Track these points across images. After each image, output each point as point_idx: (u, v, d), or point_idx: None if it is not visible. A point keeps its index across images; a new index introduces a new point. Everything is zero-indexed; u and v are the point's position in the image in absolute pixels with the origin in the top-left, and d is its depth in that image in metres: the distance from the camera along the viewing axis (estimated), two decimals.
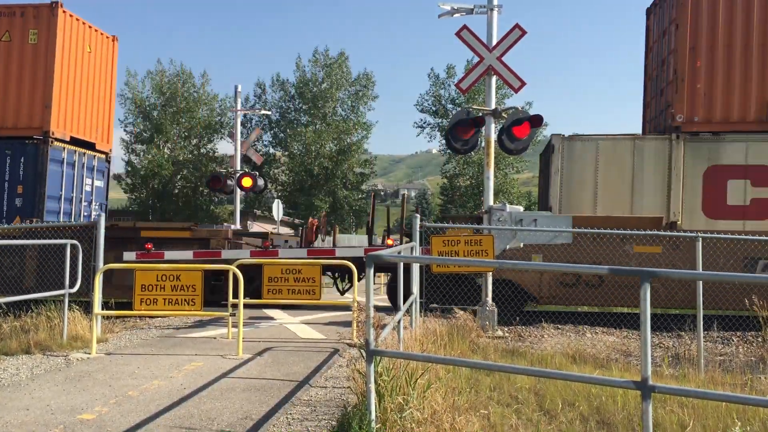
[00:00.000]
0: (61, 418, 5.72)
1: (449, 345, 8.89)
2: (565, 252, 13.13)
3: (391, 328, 6.78)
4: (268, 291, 9.82)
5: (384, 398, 5.15)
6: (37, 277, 13.70)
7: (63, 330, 9.26)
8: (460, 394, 6.32)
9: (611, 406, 6.43)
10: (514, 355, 9.49)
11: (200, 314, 9.46)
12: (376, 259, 5.06)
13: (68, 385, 6.91)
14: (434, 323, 9.94)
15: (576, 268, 7.22)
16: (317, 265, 9.96)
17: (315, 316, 12.33)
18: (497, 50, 12.19)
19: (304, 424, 5.69)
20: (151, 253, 13.74)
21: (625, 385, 4.48)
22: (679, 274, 5.09)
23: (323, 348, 9.20)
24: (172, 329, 10.87)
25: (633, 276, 4.27)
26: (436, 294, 12.97)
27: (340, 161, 40.66)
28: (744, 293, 11.83)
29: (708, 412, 6.11)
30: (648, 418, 4.03)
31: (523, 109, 12.53)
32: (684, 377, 8.42)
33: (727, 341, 11.66)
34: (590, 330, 12.42)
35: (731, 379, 8.51)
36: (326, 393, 6.76)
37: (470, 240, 10.49)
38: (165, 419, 5.71)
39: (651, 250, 13.21)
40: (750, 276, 4.56)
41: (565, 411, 6.30)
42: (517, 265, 11.17)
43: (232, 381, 7.13)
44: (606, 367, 8.95)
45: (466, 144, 12.62)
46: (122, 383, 6.97)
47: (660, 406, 6.31)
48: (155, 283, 8.54)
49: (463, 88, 12.86)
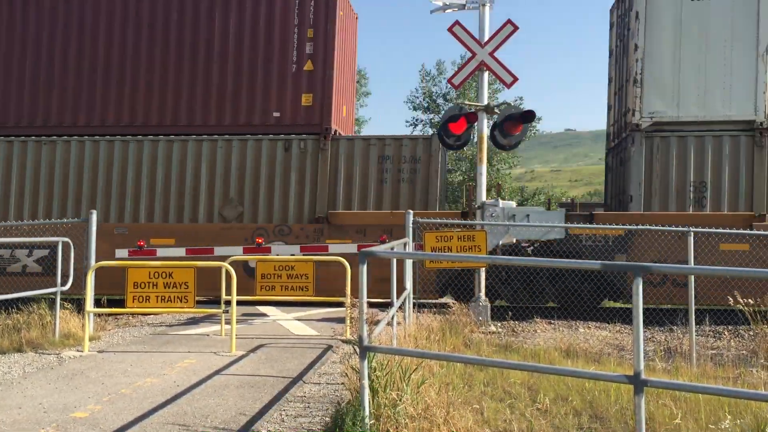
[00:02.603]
0: (54, 417, 5.70)
1: (443, 340, 8.91)
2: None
3: (384, 324, 6.79)
4: (261, 287, 9.82)
5: (378, 394, 5.16)
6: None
7: (55, 328, 9.23)
8: (454, 389, 6.33)
9: (604, 400, 6.46)
10: (507, 350, 9.52)
11: (193, 311, 9.45)
12: (369, 255, 5.06)
13: (61, 383, 6.89)
14: (428, 319, 9.96)
15: (569, 263, 7.26)
16: (310, 262, 9.97)
17: (308, 313, 12.32)
18: (489, 46, 12.20)
19: (298, 420, 5.69)
20: (143, 250, 13.69)
21: (618, 380, 4.50)
22: (672, 268, 5.12)
23: (317, 344, 9.20)
24: (164, 326, 10.85)
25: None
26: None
27: None
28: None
29: (700, 405, 6.14)
30: (641, 411, 4.05)
31: (515, 105, 12.53)
32: (676, 371, 8.47)
33: (718, 335, 11.73)
34: (583, 325, 12.47)
35: (723, 372, 8.56)
36: (320, 389, 6.76)
37: (463, 236, 10.50)
38: (158, 417, 5.70)
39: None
40: (743, 270, 4.58)
41: (558, 405, 6.33)
42: (510, 260, 11.16)
43: (226, 378, 7.12)
44: (599, 362, 8.99)
45: (459, 140, 12.62)
46: (115, 381, 6.95)
47: (653, 399, 6.34)
48: (148, 281, 8.51)
49: (456, 84, 12.86)
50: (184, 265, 8.78)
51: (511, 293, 13.66)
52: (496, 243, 11.97)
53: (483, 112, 12.29)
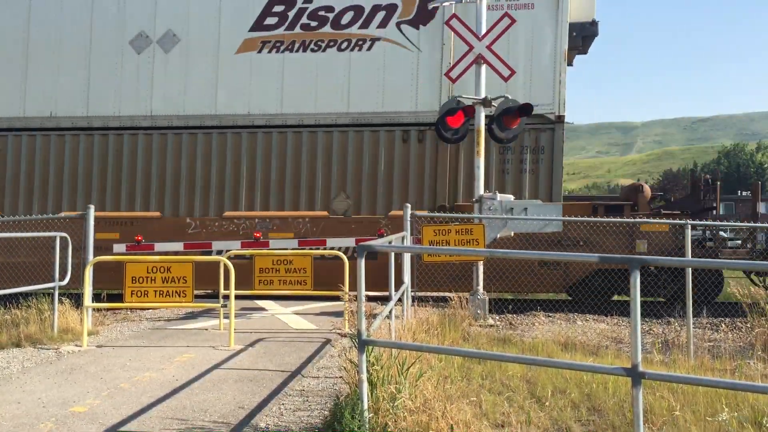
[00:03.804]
0: (53, 411, 5.71)
1: (441, 334, 8.91)
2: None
3: (383, 318, 6.80)
4: (260, 282, 9.82)
5: (376, 387, 5.17)
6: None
7: (53, 323, 9.23)
8: (452, 382, 6.35)
9: (602, 392, 6.47)
10: (505, 344, 9.53)
11: (191, 306, 9.44)
12: (367, 249, 5.06)
13: (59, 378, 6.89)
14: (426, 312, 9.96)
15: (567, 256, 7.22)
16: (308, 256, 9.97)
17: (307, 307, 12.33)
18: (487, 39, 12.18)
19: (297, 414, 5.70)
20: (141, 245, 13.69)
21: (616, 372, 4.50)
22: (668, 261, 5.11)
23: (315, 338, 9.21)
24: (163, 321, 10.85)
25: (623, 263, 4.29)
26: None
27: None
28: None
29: (698, 397, 6.16)
30: (638, 404, 4.06)
31: (512, 98, 12.53)
32: (674, 363, 8.49)
33: (716, 327, 11.75)
34: (581, 317, 12.49)
35: (720, 364, 8.57)
36: (318, 383, 6.78)
37: (461, 229, 10.50)
38: (157, 411, 5.70)
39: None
40: (739, 262, 4.59)
41: (556, 398, 6.34)
42: (507, 254, 11.18)
43: (225, 372, 7.13)
44: (597, 355, 9.01)
45: (456, 133, 12.61)
46: (114, 375, 6.96)
47: (650, 392, 6.36)
48: (146, 275, 8.52)
49: (453, 78, 12.83)
50: (182, 260, 8.78)
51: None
52: (495, 236, 11.97)
53: (480, 106, 12.28)
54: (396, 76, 15.22)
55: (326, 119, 15.29)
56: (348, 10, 15.36)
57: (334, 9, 15.43)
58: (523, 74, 14.66)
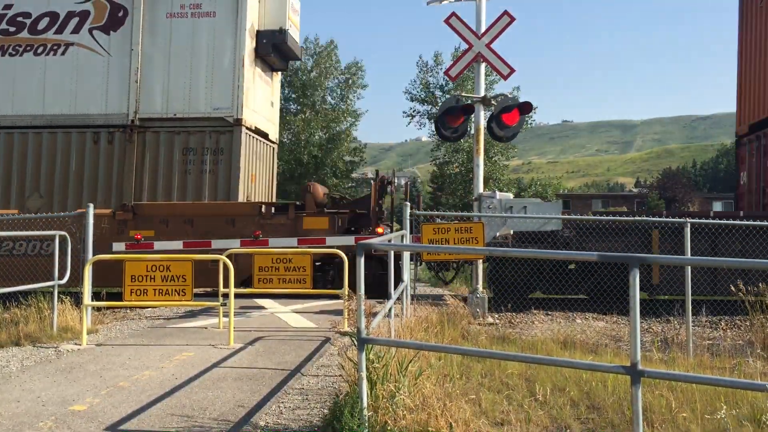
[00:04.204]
0: (53, 410, 5.71)
1: (440, 332, 8.92)
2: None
3: (382, 316, 6.80)
4: (259, 280, 9.81)
5: (376, 386, 5.17)
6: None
7: (53, 321, 9.23)
8: (452, 380, 6.35)
9: (601, 391, 6.48)
10: (504, 342, 9.54)
11: (191, 304, 9.45)
12: (367, 248, 5.06)
13: (59, 376, 6.89)
14: (426, 311, 9.96)
15: (567, 254, 7.25)
16: (308, 254, 9.96)
17: (306, 305, 12.33)
18: (486, 37, 12.17)
19: (297, 412, 5.70)
20: (140, 243, 13.68)
21: (615, 370, 4.51)
22: (667, 259, 5.12)
23: (315, 337, 9.22)
24: (162, 320, 10.85)
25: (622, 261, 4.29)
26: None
27: (330, 150, 40.56)
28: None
29: (697, 395, 6.16)
30: (637, 402, 4.07)
31: (512, 96, 12.53)
32: (673, 361, 8.50)
33: (715, 326, 11.77)
34: (580, 316, 12.50)
35: (719, 362, 8.58)
36: (318, 381, 6.78)
37: (461, 228, 10.50)
38: (157, 409, 5.71)
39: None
40: (739, 261, 4.59)
41: (555, 396, 6.35)
42: (507, 252, 11.22)
43: (224, 371, 7.13)
44: (596, 353, 9.02)
45: (456, 131, 12.62)
46: (113, 374, 6.96)
47: (649, 390, 6.36)
48: (145, 274, 8.51)
49: (452, 76, 12.86)
50: (182, 258, 8.78)
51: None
52: (494, 234, 11.98)
53: (480, 104, 12.28)
54: (88, 79, 16.15)
55: (23, 121, 16.23)
56: (44, 16, 16.22)
57: (31, 15, 16.33)
58: (205, 80, 15.61)
